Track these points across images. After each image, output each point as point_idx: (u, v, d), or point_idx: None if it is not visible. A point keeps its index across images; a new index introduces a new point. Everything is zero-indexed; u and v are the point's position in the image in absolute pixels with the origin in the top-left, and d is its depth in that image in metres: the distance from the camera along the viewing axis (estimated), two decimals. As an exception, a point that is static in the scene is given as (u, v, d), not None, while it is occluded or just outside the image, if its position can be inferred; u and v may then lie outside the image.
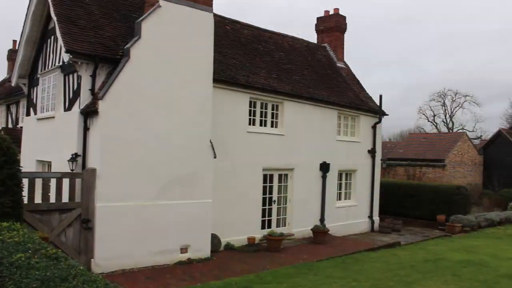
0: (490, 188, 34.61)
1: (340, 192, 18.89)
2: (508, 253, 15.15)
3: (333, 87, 19.10)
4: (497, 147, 37.17)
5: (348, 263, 12.72)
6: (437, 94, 67.10)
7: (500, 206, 28.66)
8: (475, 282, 11.13)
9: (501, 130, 38.72)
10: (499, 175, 34.82)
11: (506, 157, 35.41)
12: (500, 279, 11.47)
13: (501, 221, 22.77)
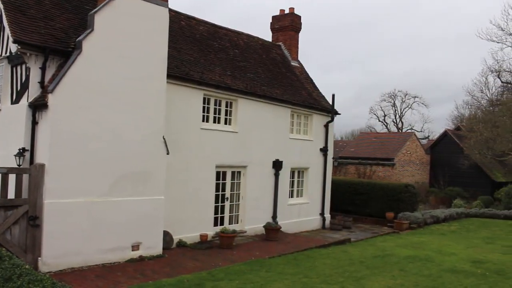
0: (436, 186, 35.96)
1: (293, 189, 19.11)
2: (451, 248, 15.77)
3: (286, 85, 19.28)
4: (443, 147, 38.64)
5: (299, 260, 12.89)
6: (388, 95, 69.01)
7: (445, 203, 29.88)
8: (420, 276, 11.54)
9: (447, 130, 40.23)
10: (444, 174, 36.24)
11: (451, 156, 36.85)
12: (443, 273, 11.94)
13: (446, 218, 23.69)
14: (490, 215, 25.98)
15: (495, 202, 30.69)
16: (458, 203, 28.80)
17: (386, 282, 10.90)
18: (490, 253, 15.17)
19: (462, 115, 54.73)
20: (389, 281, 10.96)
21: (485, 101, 41.95)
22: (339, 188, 23.20)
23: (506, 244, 17.27)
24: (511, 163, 32.34)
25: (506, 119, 28.74)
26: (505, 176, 36.56)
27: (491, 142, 29.63)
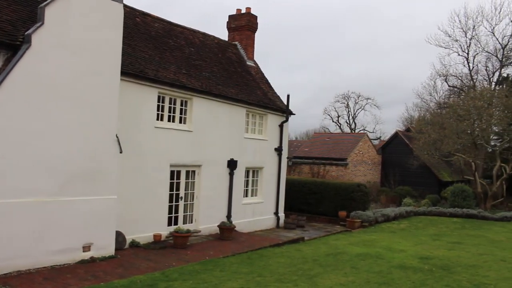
0: (387, 185, 36.92)
1: (247, 189, 19.16)
2: (401, 245, 16.24)
3: (242, 85, 19.31)
4: (394, 147, 39.72)
5: (253, 259, 12.94)
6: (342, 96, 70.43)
7: (395, 202, 30.72)
8: (371, 273, 11.83)
9: (397, 132, 41.39)
10: (395, 173, 37.27)
11: (402, 157, 37.93)
12: (393, 270, 12.29)
13: (396, 216, 24.36)
14: (437, 213, 26.92)
15: (441, 200, 31.82)
16: (407, 202, 29.67)
17: (338, 279, 11.11)
18: (437, 250, 15.73)
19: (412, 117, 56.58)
20: (341, 278, 11.17)
21: (433, 103, 43.56)
22: (293, 187, 23.46)
23: (451, 240, 17.96)
24: (456, 163, 33.63)
25: (452, 121, 29.85)
26: (451, 176, 37.99)
27: (438, 143, 30.68)
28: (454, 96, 41.30)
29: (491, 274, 12.38)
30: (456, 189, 28.76)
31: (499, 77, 39.82)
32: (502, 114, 29.67)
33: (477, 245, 17.05)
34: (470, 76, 40.92)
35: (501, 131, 30.97)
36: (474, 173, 30.78)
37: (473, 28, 40.52)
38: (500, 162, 30.27)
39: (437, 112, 38.85)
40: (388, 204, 29.44)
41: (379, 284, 10.81)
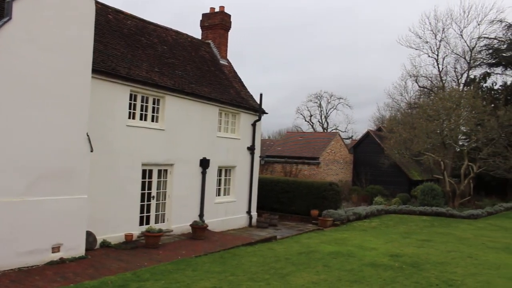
0: (358, 184, 37.36)
1: (220, 188, 19.12)
2: (372, 243, 16.46)
3: (215, 83, 19.26)
4: (366, 147, 40.23)
5: (226, 258, 12.93)
6: (314, 96, 71.03)
7: (366, 201, 31.13)
8: (342, 271, 11.96)
9: (369, 131, 41.92)
10: (366, 172, 37.75)
11: (373, 156, 38.44)
12: (364, 268, 12.46)
13: (367, 214, 24.68)
14: (407, 211, 27.39)
15: (411, 199, 32.40)
16: (378, 201, 30.12)
17: (310, 277, 11.19)
18: (406, 247, 16.00)
19: (383, 116, 57.47)
20: (313, 277, 11.26)
21: (404, 103, 44.29)
22: (266, 186, 23.52)
23: (420, 238, 18.29)
24: (426, 162, 34.29)
25: (422, 121, 30.40)
26: (421, 175, 38.71)
27: (409, 142, 31.19)
28: (424, 97, 42.08)
29: (458, 270, 12.68)
30: (425, 188, 29.32)
31: (467, 78, 40.77)
32: (469, 114, 30.39)
33: (445, 243, 17.42)
34: (439, 77, 41.76)
35: (469, 131, 31.72)
36: (443, 172, 31.42)
37: (442, 31, 41.39)
38: (468, 161, 30.98)
39: (408, 112, 39.51)
40: (360, 203, 29.81)
41: (350, 282, 10.94)
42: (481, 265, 13.51)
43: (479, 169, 30.90)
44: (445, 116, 30.47)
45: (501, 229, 22.56)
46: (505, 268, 13.34)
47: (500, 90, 38.48)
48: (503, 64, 40.82)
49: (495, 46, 40.66)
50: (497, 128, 29.05)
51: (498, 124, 29.01)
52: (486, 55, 41.13)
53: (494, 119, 29.13)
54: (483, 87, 39.44)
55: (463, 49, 41.04)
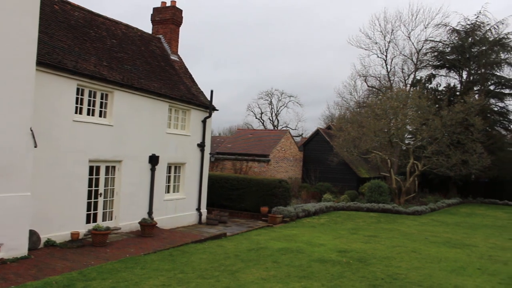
0: (308, 181, 37.85)
1: (169, 185, 18.90)
2: (320, 240, 16.74)
3: (165, 79, 19.00)
4: (315, 144, 40.78)
5: (175, 256, 12.80)
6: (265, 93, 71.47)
7: (315, 198, 31.55)
8: (291, 267, 12.09)
9: (319, 129, 42.52)
10: (316, 170, 38.30)
11: (322, 154, 39.03)
12: (313, 263, 12.65)
13: (316, 211, 25.06)
14: (355, 208, 28.02)
15: (359, 196, 33.11)
16: (327, 198, 30.59)
17: (260, 274, 11.25)
18: (354, 243, 16.37)
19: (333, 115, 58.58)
20: (263, 273, 11.33)
21: (353, 102, 45.29)
22: (216, 183, 23.46)
23: (367, 234, 18.76)
24: (374, 160, 35.17)
25: (370, 120, 31.13)
26: (369, 172, 39.66)
27: (357, 141, 31.87)
28: (372, 96, 43.15)
29: (403, 264, 13.09)
30: (373, 185, 30.07)
31: (413, 79, 42.12)
32: (415, 114, 31.39)
33: (391, 238, 17.94)
34: (387, 77, 42.95)
35: (414, 130, 32.78)
36: (390, 169, 32.32)
37: (391, 32, 42.61)
38: (413, 159, 31.99)
39: (357, 111, 40.41)
40: (309, 200, 30.18)
41: (299, 277, 11.08)
42: (424, 259, 14.02)
43: (424, 167, 31.98)
44: (392, 115, 31.35)
45: (443, 224, 23.48)
46: (446, 261, 13.90)
47: (444, 91, 39.97)
48: (447, 67, 42.49)
49: (440, 49, 42.26)
50: (440, 127, 30.13)
51: (441, 124, 30.10)
52: (431, 57, 42.68)
53: (438, 119, 30.21)
54: (428, 88, 40.85)
55: (411, 50, 42.44)
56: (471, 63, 40.78)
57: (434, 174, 34.46)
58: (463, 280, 11.60)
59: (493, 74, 41.67)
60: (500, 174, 37.26)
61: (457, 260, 14.16)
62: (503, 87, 42.13)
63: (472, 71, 41.25)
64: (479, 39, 40.75)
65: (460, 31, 41.68)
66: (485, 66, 40.21)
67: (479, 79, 40.48)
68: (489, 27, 41.15)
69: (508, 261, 14.48)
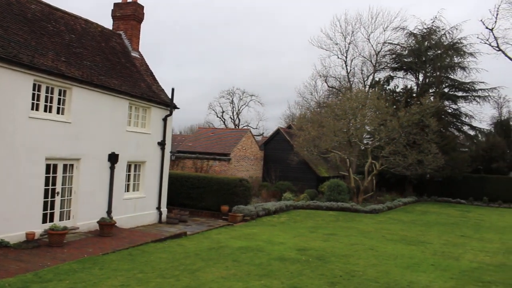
0: (268, 180, 38.04)
1: (129, 183, 18.63)
2: (280, 238, 16.89)
3: (125, 76, 18.72)
4: (276, 144, 41.05)
5: (134, 255, 12.66)
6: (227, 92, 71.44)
7: (276, 197, 31.75)
8: (251, 266, 12.16)
9: (279, 128, 42.83)
10: (276, 169, 38.54)
11: (283, 153, 39.32)
12: (273, 262, 12.77)
13: (276, 210, 25.23)
14: (314, 206, 28.37)
15: (319, 195, 33.55)
16: (287, 196, 30.85)
17: (220, 273, 11.27)
18: (313, 241, 16.60)
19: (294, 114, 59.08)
20: (223, 272, 11.35)
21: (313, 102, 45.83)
22: (176, 182, 23.29)
23: (326, 232, 19.06)
24: (333, 159, 35.70)
25: (330, 120, 31.59)
26: (328, 172, 40.24)
27: (317, 140, 32.25)
28: (332, 96, 43.83)
29: (360, 262, 13.38)
30: (332, 184, 30.53)
31: (372, 80, 43.02)
32: (374, 114, 32.07)
33: (349, 236, 18.29)
34: (347, 78, 43.70)
35: (373, 130, 33.48)
36: (349, 169, 32.89)
37: (351, 34, 43.38)
38: (371, 159, 32.67)
39: (317, 111, 40.95)
40: (269, 199, 30.35)
41: (259, 276, 11.16)
42: (381, 256, 14.37)
43: (381, 167, 32.69)
44: (351, 116, 31.91)
45: (399, 222, 24.11)
46: (402, 258, 14.30)
47: (401, 92, 40.98)
48: (404, 69, 43.63)
49: (398, 51, 43.38)
50: (397, 128, 30.88)
51: (398, 125, 30.85)
52: (390, 59, 43.75)
53: (396, 119, 30.95)
54: (387, 89, 41.82)
55: (370, 52, 43.33)
56: (427, 66, 41.99)
57: (391, 173, 35.27)
58: (417, 276, 11.97)
59: (448, 77, 43.09)
60: (453, 173, 38.52)
61: (412, 257, 14.58)
62: (457, 90, 43.65)
63: (428, 74, 42.47)
64: (435, 43, 42.06)
65: (417, 35, 42.87)
66: (440, 69, 41.49)
67: (434, 82, 41.72)
68: (444, 32, 42.59)
69: (459, 257, 15.04)
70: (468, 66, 42.39)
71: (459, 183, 40.12)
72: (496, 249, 17.06)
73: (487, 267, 13.69)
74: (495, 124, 49.31)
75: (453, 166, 38.00)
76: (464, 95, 43.43)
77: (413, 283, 11.27)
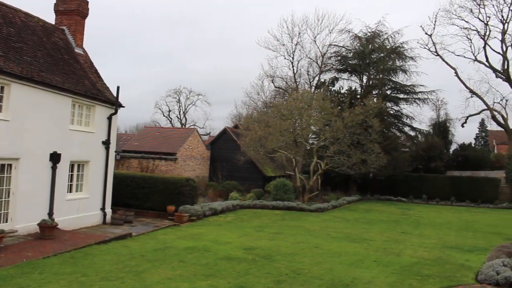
0: (215, 180, 37.98)
1: (72, 184, 18.08)
2: (227, 238, 16.91)
3: (69, 73, 18.15)
4: (223, 143, 41.05)
5: (77, 258, 12.32)
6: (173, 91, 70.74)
7: (222, 196, 31.72)
8: (198, 266, 12.13)
9: (226, 128, 42.85)
10: (223, 168, 38.53)
11: (230, 152, 39.37)
12: (219, 262, 12.78)
13: (223, 210, 25.19)
14: (261, 206, 28.54)
15: (265, 194, 33.80)
16: (234, 196, 30.89)
17: (166, 273, 11.16)
18: (260, 240, 16.73)
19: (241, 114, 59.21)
20: (169, 273, 11.25)
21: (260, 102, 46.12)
22: (122, 182, 22.81)
23: (272, 231, 19.24)
24: (279, 159, 36.07)
25: (276, 120, 31.90)
26: (274, 171, 40.63)
27: (263, 140, 32.48)
28: (279, 97, 44.25)
29: (306, 260, 13.62)
30: (278, 184, 30.84)
31: (318, 81, 43.78)
32: (319, 115, 32.66)
33: (295, 235, 18.55)
34: (294, 79, 44.25)
35: (318, 130, 34.09)
36: (294, 168, 33.33)
37: (298, 35, 43.92)
38: (317, 158, 33.23)
39: (264, 111, 41.23)
40: (216, 198, 30.29)
41: (205, 276, 11.14)
42: (326, 254, 14.68)
43: (326, 166, 33.32)
44: (297, 116, 32.34)
45: (344, 220, 24.68)
46: (346, 255, 14.66)
47: (346, 94, 41.96)
48: (349, 71, 44.70)
49: (343, 53, 44.38)
50: (342, 128, 31.57)
51: (343, 125, 31.55)
52: (335, 61, 44.70)
53: (340, 120, 31.64)
54: (332, 90, 42.69)
55: (316, 54, 44.04)
56: (370, 68, 43.21)
57: (336, 172, 36.00)
58: (361, 273, 12.32)
59: (390, 80, 44.51)
60: (394, 172, 39.82)
61: (356, 254, 14.98)
62: (398, 92, 45.17)
63: (371, 76, 43.70)
64: (378, 47, 43.36)
65: (362, 38, 44.03)
66: (382, 72, 42.82)
67: (377, 84, 42.96)
68: (387, 36, 44.00)
69: (400, 253, 15.59)
70: (409, 69, 44.07)
71: (400, 181, 41.50)
72: (433, 244, 17.80)
73: (425, 261, 14.27)
74: (433, 125, 51.44)
75: (395, 166, 39.26)
76: (405, 97, 44.98)
77: (356, 279, 11.58)
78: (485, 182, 40.76)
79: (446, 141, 48.00)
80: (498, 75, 44.64)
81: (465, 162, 45.56)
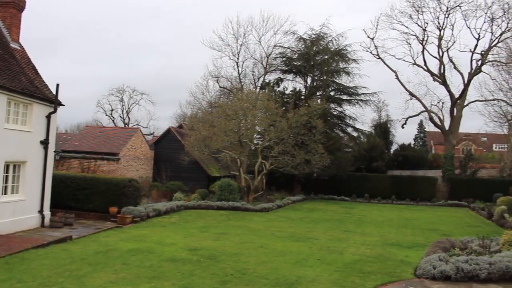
0: (159, 180, 37.45)
1: (7, 185, 17.23)
2: (171, 239, 16.69)
3: (3, 69, 17.30)
4: (167, 143, 40.57)
5: (12, 264, 11.77)
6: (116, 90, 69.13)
7: (166, 197, 31.31)
8: (142, 268, 11.89)
9: (170, 128, 42.36)
10: (167, 169, 38.07)
11: (174, 152, 38.95)
12: (163, 263, 12.60)
13: (167, 210, 24.88)
14: (205, 206, 28.40)
15: (210, 194, 33.66)
16: (178, 197, 30.55)
17: (108, 277, 10.87)
18: (204, 241, 16.63)
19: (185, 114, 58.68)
20: (111, 276, 10.97)
21: (205, 102, 45.83)
22: (61, 183, 21.99)
23: (217, 231, 19.18)
24: (224, 159, 36.04)
25: (221, 120, 31.84)
26: (219, 171, 40.55)
27: (208, 140, 32.32)
28: (224, 97, 44.13)
29: (251, 260, 13.66)
30: (223, 184, 30.79)
31: (263, 82, 44.01)
32: (264, 115, 32.88)
33: (240, 235, 18.57)
34: (239, 79, 44.26)
35: (263, 131, 34.32)
36: (239, 168, 33.38)
37: (243, 36, 43.93)
38: (261, 159, 33.44)
39: (208, 111, 41.00)
40: (160, 199, 29.85)
41: (149, 278, 10.94)
42: (271, 253, 14.78)
43: (271, 166, 33.59)
44: (242, 116, 32.39)
45: (288, 220, 24.97)
46: (290, 254, 14.83)
47: (291, 94, 42.47)
48: (294, 72, 45.28)
49: (288, 55, 44.89)
50: (286, 129, 31.94)
51: (287, 126, 31.92)
52: (280, 62, 45.12)
53: (285, 120, 31.98)
54: (276, 91, 43.04)
55: (261, 54, 44.24)
56: (315, 70, 43.96)
57: (281, 172, 36.38)
58: (305, 271, 12.48)
59: (334, 81, 45.50)
60: (337, 172, 40.73)
61: (300, 253, 15.17)
62: (342, 94, 46.25)
63: (315, 77, 44.47)
64: (322, 49, 44.19)
65: (306, 40, 44.72)
66: (326, 73, 43.69)
67: (321, 85, 43.79)
68: (331, 39, 44.96)
69: (343, 251, 15.94)
70: (352, 71, 45.19)
71: (343, 181, 42.51)
72: (375, 242, 18.33)
73: (367, 258, 14.65)
74: (375, 126, 53.08)
75: (338, 166, 40.15)
76: (348, 98, 46.08)
77: (301, 277, 11.72)
78: (423, 181, 42.57)
79: (387, 141, 49.66)
80: (435, 79, 46.75)
81: (405, 162, 47.34)
